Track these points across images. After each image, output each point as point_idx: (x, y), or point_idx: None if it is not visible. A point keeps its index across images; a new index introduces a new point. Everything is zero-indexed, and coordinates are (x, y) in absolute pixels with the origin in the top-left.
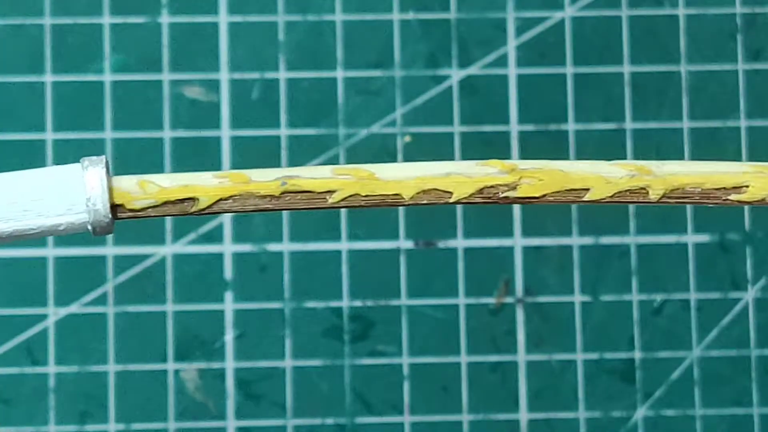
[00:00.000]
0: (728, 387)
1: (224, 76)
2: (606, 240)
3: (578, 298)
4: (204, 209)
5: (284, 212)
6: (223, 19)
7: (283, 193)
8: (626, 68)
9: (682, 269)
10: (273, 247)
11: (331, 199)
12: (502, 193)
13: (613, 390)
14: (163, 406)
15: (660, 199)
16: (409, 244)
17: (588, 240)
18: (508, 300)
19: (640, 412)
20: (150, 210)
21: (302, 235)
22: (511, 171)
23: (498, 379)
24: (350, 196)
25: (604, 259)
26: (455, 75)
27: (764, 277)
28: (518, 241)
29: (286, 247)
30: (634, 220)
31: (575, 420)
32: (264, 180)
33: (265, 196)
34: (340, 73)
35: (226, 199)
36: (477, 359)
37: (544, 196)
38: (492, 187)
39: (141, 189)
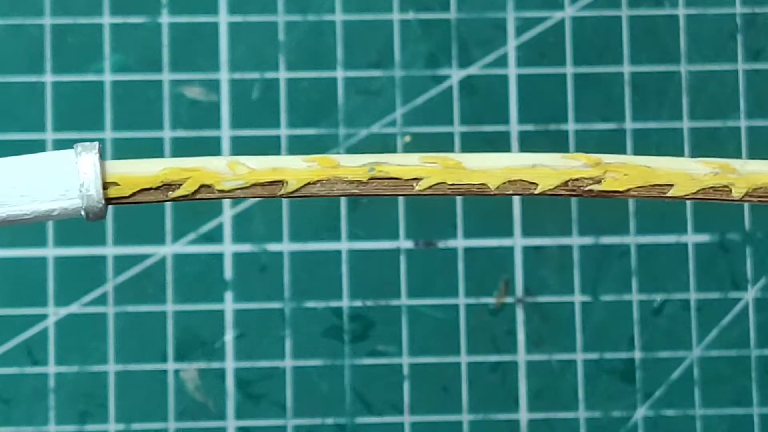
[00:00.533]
0: (728, 387)
1: (224, 76)
2: (606, 240)
3: (578, 298)
4: (292, 192)
5: (284, 212)
6: (223, 19)
7: (370, 179)
8: (626, 68)
9: (682, 269)
10: (273, 247)
11: (418, 187)
12: (587, 186)
13: (613, 390)
14: (163, 406)
15: (743, 197)
16: (409, 244)
17: (588, 240)
18: (508, 300)
19: (640, 412)
20: (238, 191)
21: (302, 235)
22: (597, 165)
23: (498, 379)
24: (436, 184)
25: (604, 259)
26: (455, 75)
27: (764, 277)
28: (518, 241)
29: (286, 247)
30: (634, 220)
31: (575, 420)
32: (352, 165)
33: (352, 182)
34: (340, 73)
35: (314, 183)
36: (477, 359)
37: (629, 190)
38: (577, 180)
39: (231, 170)
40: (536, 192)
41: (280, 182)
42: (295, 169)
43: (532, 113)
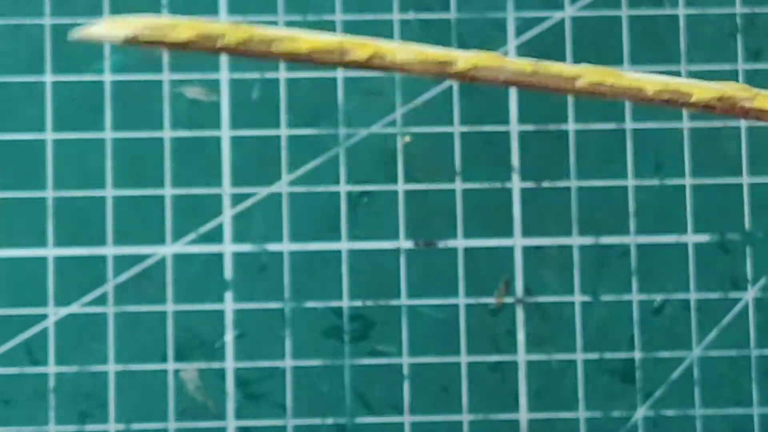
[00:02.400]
0: (728, 387)
1: (224, 76)
2: (606, 240)
3: (578, 298)
4: (461, 72)
5: (284, 212)
6: (223, 19)
7: (533, 71)
8: (625, 68)
9: (682, 269)
10: (273, 247)
11: (578, 83)
12: (740, 101)
13: (613, 390)
14: (163, 406)
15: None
16: (409, 244)
17: (588, 240)
18: (508, 300)
19: (640, 412)
20: (410, 65)
21: (302, 235)
22: (746, 90)
23: (498, 379)
24: (596, 83)
25: (604, 259)
26: None
27: (764, 277)
28: (518, 241)
29: (286, 247)
30: (633, 220)
31: (575, 420)
32: (517, 60)
33: (517, 71)
34: (340, 73)
35: (481, 67)
36: (477, 359)
37: None
38: (730, 97)
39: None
40: (691, 101)
41: (450, 62)
42: (464, 55)
43: (532, 113)
